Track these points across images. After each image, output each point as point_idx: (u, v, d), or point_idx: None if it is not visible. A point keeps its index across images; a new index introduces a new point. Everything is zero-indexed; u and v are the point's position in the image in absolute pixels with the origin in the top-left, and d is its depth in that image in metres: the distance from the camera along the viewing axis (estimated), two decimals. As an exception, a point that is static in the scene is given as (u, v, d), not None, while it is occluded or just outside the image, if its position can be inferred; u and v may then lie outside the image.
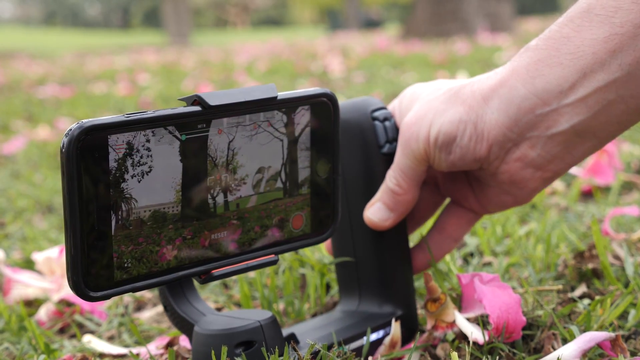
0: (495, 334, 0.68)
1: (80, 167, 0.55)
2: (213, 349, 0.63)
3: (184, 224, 0.61)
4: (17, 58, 11.06)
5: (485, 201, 0.74)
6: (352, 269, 0.77)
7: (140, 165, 0.57)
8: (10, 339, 0.90)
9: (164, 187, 0.59)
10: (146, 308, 1.02)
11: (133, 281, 0.59)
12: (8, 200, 1.81)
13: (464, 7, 8.04)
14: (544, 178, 0.68)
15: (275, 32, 23.97)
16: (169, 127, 0.58)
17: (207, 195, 0.61)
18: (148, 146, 0.58)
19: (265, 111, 0.63)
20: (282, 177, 0.65)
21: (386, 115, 0.74)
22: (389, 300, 0.76)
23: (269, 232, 0.66)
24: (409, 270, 0.77)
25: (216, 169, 0.62)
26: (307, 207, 0.68)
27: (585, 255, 0.91)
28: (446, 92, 0.70)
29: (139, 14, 36.59)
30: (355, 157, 0.74)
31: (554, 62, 0.64)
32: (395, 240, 0.75)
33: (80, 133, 0.54)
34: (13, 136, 2.89)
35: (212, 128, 0.61)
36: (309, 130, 0.66)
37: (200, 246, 0.62)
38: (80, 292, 0.57)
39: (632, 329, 0.75)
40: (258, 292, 0.90)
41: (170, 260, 0.61)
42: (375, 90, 3.45)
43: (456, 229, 0.77)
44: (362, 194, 0.75)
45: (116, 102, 3.95)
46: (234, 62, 6.82)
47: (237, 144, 0.62)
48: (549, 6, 24.78)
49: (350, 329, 0.72)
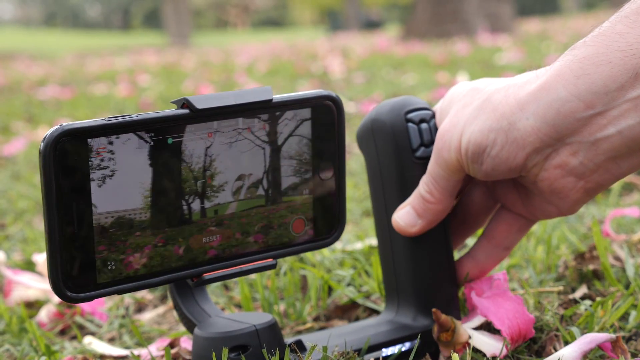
0: (513, 345, 0.67)
1: (57, 169, 0.55)
2: (208, 351, 0.63)
3: (153, 231, 0.59)
4: (18, 59, 11.06)
5: (532, 208, 0.69)
6: (392, 277, 0.74)
7: (106, 169, 0.57)
8: (11, 340, 0.90)
9: (133, 193, 0.58)
10: (147, 309, 1.02)
11: (117, 283, 0.59)
12: (9, 202, 1.81)
13: (464, 8, 8.04)
14: (586, 189, 0.63)
15: (276, 33, 23.96)
16: (140, 132, 0.57)
17: (182, 202, 0.60)
18: (121, 150, 0.57)
19: (261, 114, 0.62)
20: (264, 184, 0.63)
21: (423, 116, 0.70)
22: (424, 311, 0.72)
23: (262, 237, 0.65)
24: (450, 282, 0.73)
25: (191, 174, 0.60)
26: (309, 211, 0.66)
27: (585, 257, 0.91)
28: (479, 98, 0.65)
29: (139, 15, 36.58)
30: (390, 160, 0.70)
31: (601, 60, 0.58)
32: (433, 248, 0.72)
33: (58, 136, 0.55)
34: (13, 137, 2.89)
35: (187, 134, 0.59)
36: (307, 134, 0.65)
37: (175, 253, 0.61)
38: (61, 293, 0.57)
39: (632, 330, 0.75)
40: (259, 293, 0.89)
41: (148, 265, 0.60)
42: (376, 91, 3.45)
43: (507, 236, 0.72)
44: (396, 198, 0.71)
45: (116, 103, 3.95)
46: (235, 63, 6.82)
47: (216, 150, 0.61)
48: (549, 7, 24.78)
49: (374, 338, 0.70)
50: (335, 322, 0.86)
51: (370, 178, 0.73)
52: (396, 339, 0.70)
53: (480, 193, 0.73)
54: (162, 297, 1.05)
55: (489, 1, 8.49)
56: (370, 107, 2.69)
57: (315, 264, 1.02)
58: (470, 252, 0.74)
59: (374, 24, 23.58)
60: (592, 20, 9.89)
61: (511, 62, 4.47)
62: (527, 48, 5.47)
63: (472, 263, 0.73)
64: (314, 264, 1.02)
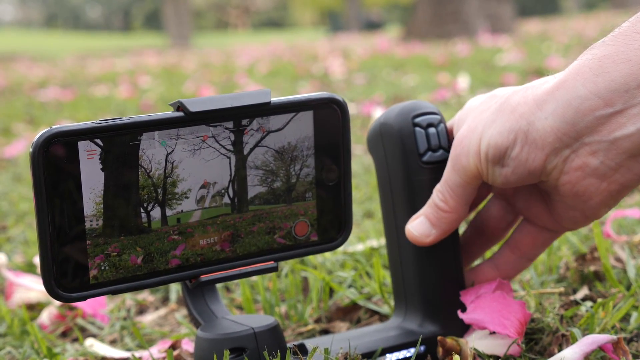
0: (521, 337, 0.67)
1: (47, 171, 0.55)
2: (207, 352, 0.64)
3: (106, 239, 0.59)
4: (19, 61, 11.07)
5: (557, 217, 0.68)
6: (400, 282, 0.74)
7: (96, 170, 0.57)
8: (13, 342, 0.90)
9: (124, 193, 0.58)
10: (148, 311, 1.02)
11: (111, 284, 0.59)
12: (10, 204, 1.81)
13: (465, 9, 8.04)
14: (609, 191, 0.61)
15: (276, 34, 23.96)
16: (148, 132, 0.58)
17: (140, 209, 0.60)
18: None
19: (257, 117, 0.61)
20: (230, 192, 0.62)
21: (431, 121, 0.70)
22: (431, 318, 0.72)
23: (265, 238, 0.64)
24: (457, 289, 0.72)
25: (150, 180, 0.59)
26: (312, 214, 0.66)
27: (587, 258, 0.91)
28: (497, 102, 0.64)
29: (140, 16, 36.59)
30: (397, 164, 0.70)
31: (621, 58, 0.57)
32: (441, 255, 0.71)
33: (48, 138, 0.55)
34: (15, 139, 2.89)
35: (145, 140, 0.58)
36: (310, 137, 0.64)
37: (132, 263, 0.60)
38: (53, 293, 0.57)
39: (634, 331, 0.75)
40: (260, 295, 0.89)
41: (143, 265, 0.60)
42: (376, 92, 3.45)
43: (531, 249, 0.71)
44: (403, 203, 0.71)
45: (117, 104, 3.96)
46: (235, 64, 6.82)
47: (177, 157, 0.60)
48: (550, 7, 24.78)
49: (379, 343, 0.70)
50: (336, 324, 0.86)
51: (379, 182, 0.73)
52: (401, 345, 0.70)
53: (499, 208, 0.73)
54: (163, 299, 1.05)
55: (490, 2, 8.49)
56: (371, 108, 2.69)
57: (316, 265, 1.02)
58: (493, 259, 0.73)
59: (374, 25, 23.58)
60: (592, 21, 9.90)
61: (512, 62, 4.47)
62: (528, 49, 5.47)
63: (494, 271, 0.73)
64: (315, 265, 1.02)
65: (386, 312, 0.86)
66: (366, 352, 0.69)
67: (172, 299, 1.03)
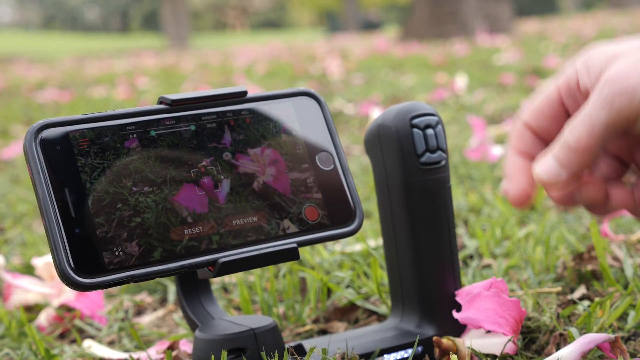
0: (517, 335, 0.67)
1: (44, 159, 0.58)
2: (206, 353, 0.64)
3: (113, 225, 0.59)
4: (17, 62, 11.07)
5: None
6: (398, 283, 0.73)
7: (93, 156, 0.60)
8: (11, 344, 0.90)
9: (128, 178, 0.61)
10: (146, 313, 1.02)
11: (127, 269, 0.58)
12: (8, 206, 1.81)
13: (463, 9, 8.04)
14: None
15: (274, 35, 23.97)
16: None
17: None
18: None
19: (230, 105, 0.65)
20: (229, 177, 0.64)
21: (429, 122, 0.70)
22: (428, 319, 0.72)
23: (280, 223, 0.64)
24: (454, 289, 0.72)
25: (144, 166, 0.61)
26: (318, 198, 0.65)
27: (584, 257, 0.91)
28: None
29: (138, 17, 36.59)
30: (395, 165, 0.70)
31: None
32: (438, 255, 0.71)
33: (40, 127, 0.58)
34: (13, 141, 2.89)
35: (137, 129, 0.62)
36: (295, 127, 0.66)
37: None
38: (69, 281, 0.56)
39: (631, 330, 0.75)
40: (258, 296, 0.90)
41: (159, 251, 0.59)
42: (374, 93, 3.45)
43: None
44: (401, 204, 0.71)
45: (115, 105, 3.95)
46: (233, 65, 6.82)
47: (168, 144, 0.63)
48: (548, 7, 24.80)
49: (376, 343, 0.70)
50: (334, 324, 0.86)
51: (376, 183, 0.73)
52: (398, 346, 0.70)
53: (606, 165, 0.67)
54: (161, 300, 1.05)
55: (488, 2, 8.50)
56: (369, 108, 2.69)
57: (314, 265, 1.02)
58: (632, 187, 0.66)
59: (372, 25, 23.60)
60: (590, 21, 9.90)
61: (510, 62, 4.47)
62: (526, 48, 5.47)
63: (629, 198, 0.66)
64: (313, 266, 1.02)
65: (384, 312, 0.86)
66: (364, 353, 0.69)
67: (170, 300, 1.03)
